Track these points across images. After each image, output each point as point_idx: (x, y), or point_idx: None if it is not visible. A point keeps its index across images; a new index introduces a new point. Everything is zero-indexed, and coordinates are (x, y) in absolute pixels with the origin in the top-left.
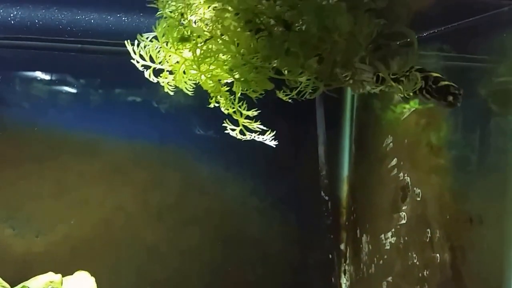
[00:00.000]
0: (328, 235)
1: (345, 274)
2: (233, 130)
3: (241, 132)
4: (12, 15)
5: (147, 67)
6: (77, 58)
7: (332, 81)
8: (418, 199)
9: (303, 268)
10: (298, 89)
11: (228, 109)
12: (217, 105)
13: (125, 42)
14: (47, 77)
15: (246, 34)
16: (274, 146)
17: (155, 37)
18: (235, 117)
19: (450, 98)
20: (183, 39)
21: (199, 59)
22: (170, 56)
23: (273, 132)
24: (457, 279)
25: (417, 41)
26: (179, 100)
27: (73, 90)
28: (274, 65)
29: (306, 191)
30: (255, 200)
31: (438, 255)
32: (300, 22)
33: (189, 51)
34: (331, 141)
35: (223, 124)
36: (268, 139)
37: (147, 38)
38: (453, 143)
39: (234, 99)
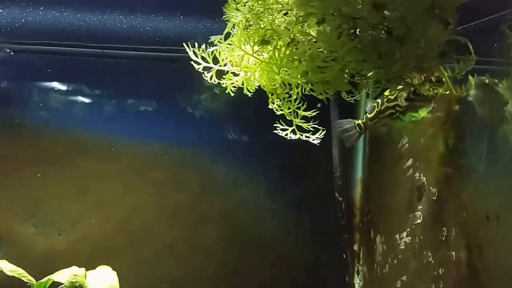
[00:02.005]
0: (342, 236)
1: (358, 274)
2: (283, 130)
3: (293, 132)
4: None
5: (203, 70)
6: (97, 63)
7: (402, 83)
8: (434, 198)
9: (317, 268)
10: (365, 90)
11: (283, 110)
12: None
13: (184, 44)
14: (68, 81)
15: (335, 37)
16: (312, 144)
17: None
18: (289, 118)
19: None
20: (264, 42)
21: (282, 61)
22: (235, 57)
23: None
24: (473, 277)
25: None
26: (197, 105)
27: (94, 94)
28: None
29: (320, 192)
30: (269, 201)
31: (453, 253)
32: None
33: (268, 53)
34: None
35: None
36: (313, 139)
37: (211, 41)
38: (469, 141)
39: (291, 100)
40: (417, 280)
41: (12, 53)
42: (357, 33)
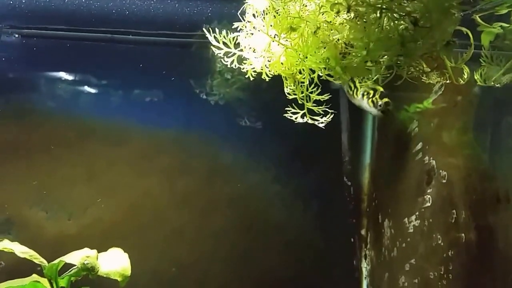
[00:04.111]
0: (350, 220)
1: (365, 259)
2: (294, 114)
3: (303, 116)
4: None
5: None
6: (107, 48)
7: (414, 71)
8: (444, 181)
9: (325, 252)
10: (376, 76)
11: (296, 94)
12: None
13: (204, 30)
14: (77, 66)
15: (362, 27)
16: (319, 127)
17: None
18: (300, 102)
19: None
20: (292, 29)
21: (309, 48)
22: (258, 43)
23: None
24: (483, 258)
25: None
26: (206, 91)
27: (103, 79)
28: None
29: (329, 177)
30: (278, 187)
31: (463, 235)
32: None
33: (293, 40)
34: (354, 129)
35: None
36: (321, 122)
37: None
38: (480, 124)
39: (303, 85)
40: (426, 263)
41: (21, 38)
42: (384, 22)
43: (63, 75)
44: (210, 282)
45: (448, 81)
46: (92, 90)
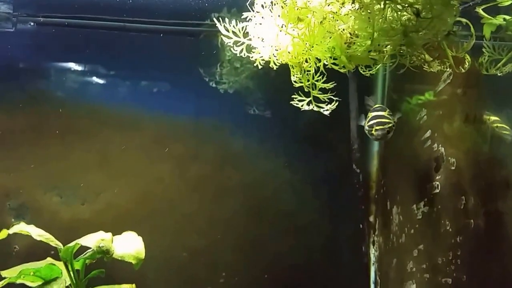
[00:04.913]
0: (359, 207)
1: (373, 245)
2: (300, 101)
3: (309, 103)
4: None
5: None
6: (121, 37)
7: (416, 60)
8: (453, 168)
9: (334, 239)
10: (380, 65)
11: (302, 82)
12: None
13: (214, 19)
14: (92, 55)
15: (363, 16)
16: (327, 114)
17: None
18: (307, 90)
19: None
20: (299, 19)
21: (315, 38)
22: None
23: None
24: (492, 244)
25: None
26: (217, 78)
27: (117, 67)
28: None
29: (338, 164)
30: (288, 174)
31: (472, 221)
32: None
33: (300, 30)
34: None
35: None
36: (325, 109)
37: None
38: (489, 111)
39: (310, 74)
40: (434, 249)
41: (36, 27)
42: (388, 13)
43: (77, 63)
44: (221, 267)
45: (449, 70)
46: (105, 78)
